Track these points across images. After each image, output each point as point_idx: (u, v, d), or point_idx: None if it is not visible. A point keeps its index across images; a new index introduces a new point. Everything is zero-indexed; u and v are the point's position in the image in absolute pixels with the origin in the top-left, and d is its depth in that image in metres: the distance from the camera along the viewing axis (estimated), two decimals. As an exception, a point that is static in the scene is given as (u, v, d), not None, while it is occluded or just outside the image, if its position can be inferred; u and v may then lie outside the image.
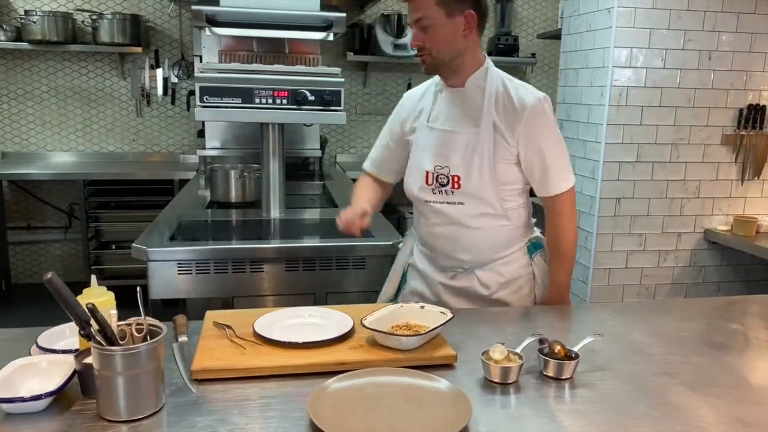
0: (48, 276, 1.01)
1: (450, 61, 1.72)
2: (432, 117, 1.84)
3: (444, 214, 1.82)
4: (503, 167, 1.75)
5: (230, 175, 2.83)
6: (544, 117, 1.73)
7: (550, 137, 1.74)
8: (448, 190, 1.80)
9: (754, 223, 2.98)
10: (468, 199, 1.78)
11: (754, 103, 3.03)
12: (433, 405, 1.12)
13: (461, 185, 1.77)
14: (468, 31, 1.68)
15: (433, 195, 1.82)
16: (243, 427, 1.06)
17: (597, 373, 1.32)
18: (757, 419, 1.15)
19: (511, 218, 1.81)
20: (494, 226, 1.80)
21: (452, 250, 1.84)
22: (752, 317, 1.79)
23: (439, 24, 1.66)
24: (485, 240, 1.82)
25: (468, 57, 1.73)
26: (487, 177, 1.74)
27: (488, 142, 1.72)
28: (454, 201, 1.80)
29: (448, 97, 1.81)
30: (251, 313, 1.48)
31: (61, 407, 1.10)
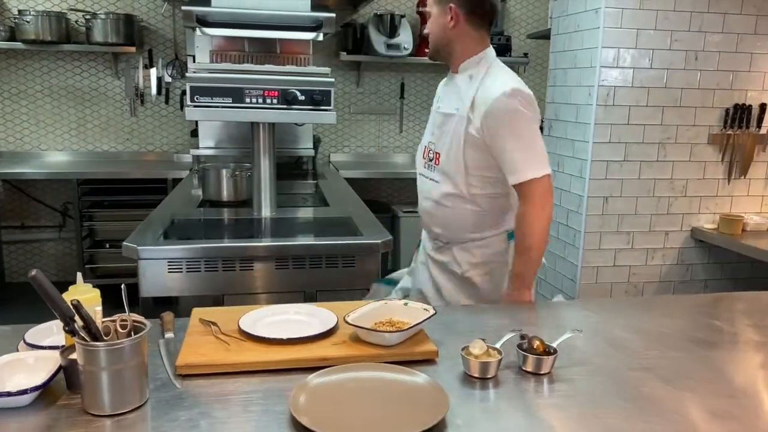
0: (32, 273, 1.04)
1: (441, 49, 1.96)
2: (440, 100, 2.05)
3: (425, 189, 2.04)
4: (471, 152, 1.88)
5: (222, 174, 2.86)
6: (505, 109, 1.81)
7: (511, 127, 1.82)
8: (432, 165, 2.01)
9: (740, 222, 3.01)
10: (442, 178, 1.96)
11: (741, 102, 3.06)
12: (412, 398, 1.15)
13: (440, 162, 1.97)
14: (454, 23, 1.88)
15: (424, 168, 2.06)
16: (225, 421, 1.09)
17: (575, 368, 1.35)
18: (727, 411, 1.18)
19: (481, 204, 1.93)
20: (461, 208, 1.94)
21: (429, 223, 2.05)
22: (733, 314, 1.82)
23: (434, 16, 1.94)
24: (453, 219, 1.97)
25: (459, 46, 1.92)
26: (456, 159, 1.90)
27: (462, 127, 1.88)
28: (433, 178, 2.00)
29: (448, 81, 2.04)
30: (237, 310, 1.50)
31: (47, 402, 1.12)
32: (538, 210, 1.82)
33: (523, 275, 1.87)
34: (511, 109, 1.81)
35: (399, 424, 1.04)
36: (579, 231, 3.08)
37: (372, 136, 5.06)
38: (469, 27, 1.89)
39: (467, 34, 1.90)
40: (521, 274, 1.87)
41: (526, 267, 1.87)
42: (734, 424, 1.13)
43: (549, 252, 3.42)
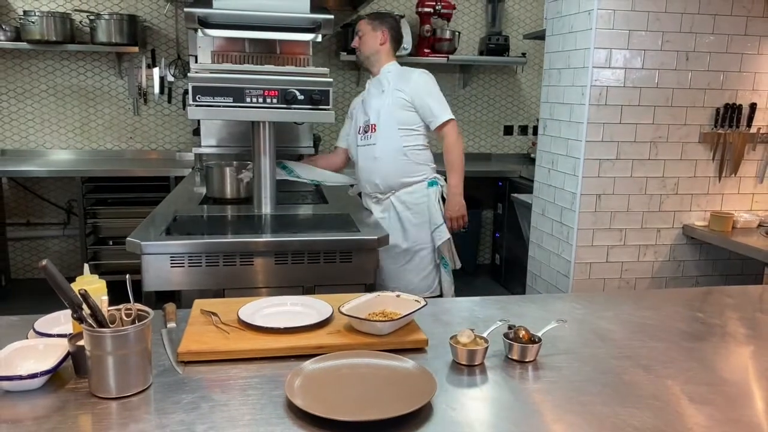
0: (43, 263, 1.10)
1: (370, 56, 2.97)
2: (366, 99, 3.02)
3: (364, 153, 2.96)
4: (401, 112, 2.87)
5: (225, 172, 2.91)
6: (422, 79, 2.87)
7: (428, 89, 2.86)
8: (368, 135, 2.94)
9: (730, 219, 3.06)
10: (378, 140, 2.90)
11: (731, 102, 3.11)
12: (401, 382, 1.21)
13: (376, 129, 2.90)
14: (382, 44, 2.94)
15: (361, 141, 2.97)
16: (225, 403, 1.15)
17: (560, 356, 1.41)
18: (705, 397, 1.23)
19: (409, 156, 2.89)
20: (394, 159, 2.89)
21: (370, 177, 2.96)
22: (720, 307, 1.86)
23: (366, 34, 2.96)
24: (390, 168, 2.90)
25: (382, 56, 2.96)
26: (390, 122, 2.86)
27: (391, 99, 2.87)
28: (371, 143, 2.92)
29: (371, 84, 3.02)
30: (237, 301, 1.56)
31: (56, 386, 1.19)
32: (455, 139, 2.88)
33: (455, 185, 2.90)
34: (425, 80, 2.87)
35: (388, 405, 1.10)
36: (572, 228, 3.14)
37: (371, 135, 5.11)
38: (389, 47, 2.96)
39: (387, 52, 2.96)
40: (456, 185, 2.91)
41: (456, 178, 2.91)
42: (711, 409, 1.19)
43: (542, 248, 3.47)
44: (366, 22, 2.96)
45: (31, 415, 1.09)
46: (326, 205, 2.95)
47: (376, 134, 2.90)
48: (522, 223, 4.30)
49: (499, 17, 5.07)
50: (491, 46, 4.95)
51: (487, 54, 4.98)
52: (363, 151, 2.97)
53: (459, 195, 2.91)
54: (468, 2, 5.09)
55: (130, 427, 1.06)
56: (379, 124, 2.89)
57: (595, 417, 1.14)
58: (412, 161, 2.90)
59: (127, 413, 1.11)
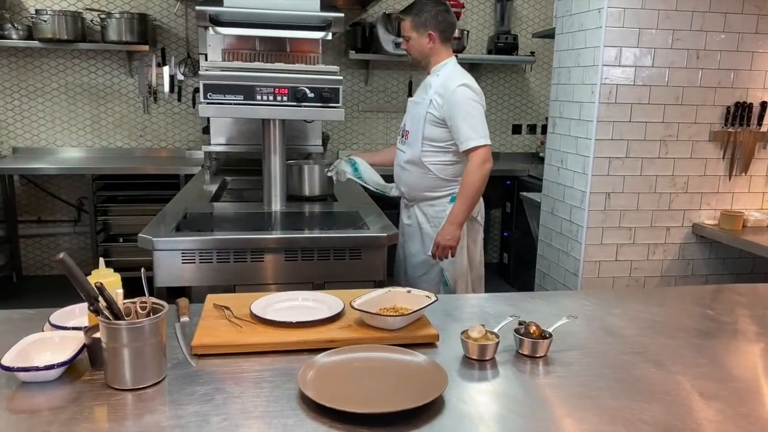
0: (60, 256, 1.11)
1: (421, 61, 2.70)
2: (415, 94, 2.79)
3: (398, 157, 2.79)
4: (432, 127, 2.61)
5: (304, 170, 2.94)
6: (460, 96, 2.54)
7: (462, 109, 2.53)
8: (403, 140, 2.75)
9: (741, 218, 3.05)
10: (407, 148, 2.72)
11: (742, 100, 3.10)
12: (412, 376, 1.22)
13: (408, 137, 2.72)
14: (431, 43, 2.63)
15: (399, 144, 2.80)
16: (238, 395, 1.16)
17: (570, 352, 1.41)
18: (715, 393, 1.24)
19: (432, 170, 2.66)
20: (418, 172, 2.69)
21: (398, 182, 2.82)
22: (730, 304, 1.86)
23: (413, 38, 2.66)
24: (413, 180, 2.72)
25: (434, 59, 2.67)
26: (418, 133, 2.64)
27: (425, 110, 2.61)
28: (402, 149, 2.75)
29: (423, 81, 2.75)
30: (249, 296, 1.58)
31: (72, 377, 1.20)
32: (477, 165, 2.54)
33: (457, 213, 2.58)
34: (463, 97, 2.53)
35: (400, 398, 1.11)
36: (581, 226, 3.13)
37: (380, 133, 5.13)
38: (441, 44, 2.64)
39: (440, 49, 2.65)
40: (457, 212, 2.59)
41: (462, 206, 2.58)
42: (721, 404, 1.19)
43: (551, 246, 3.47)
44: (410, 26, 2.64)
45: (48, 405, 1.11)
46: (335, 202, 2.96)
47: (408, 142, 2.71)
48: (531, 221, 4.30)
49: (508, 16, 5.07)
50: (500, 44, 4.95)
51: (495, 53, 4.98)
52: (397, 154, 2.80)
53: (456, 225, 2.58)
54: (477, 1, 5.09)
55: (146, 418, 1.07)
56: (411, 132, 2.69)
57: (605, 411, 1.14)
58: (436, 176, 2.66)
59: (142, 404, 1.12)
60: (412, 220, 2.78)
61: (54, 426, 1.04)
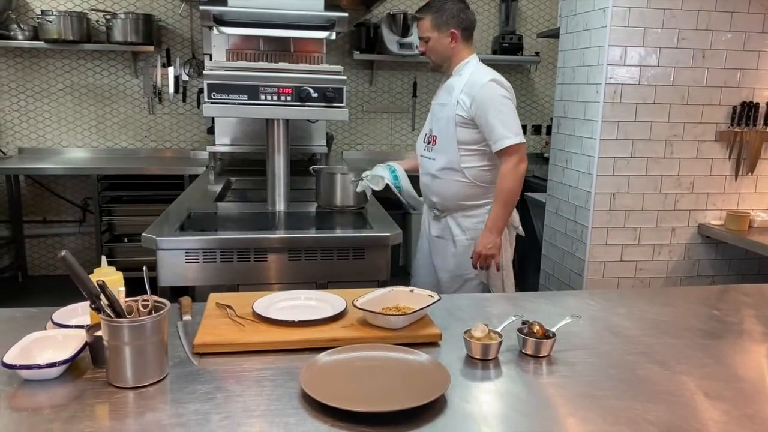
0: (62, 254, 1.11)
1: (443, 63, 2.52)
2: (437, 96, 2.60)
3: (425, 167, 2.59)
4: (462, 130, 2.43)
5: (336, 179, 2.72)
6: (489, 93, 2.36)
7: (493, 106, 2.35)
8: (430, 147, 2.55)
9: (747, 218, 3.03)
10: (437, 155, 2.51)
11: (748, 100, 3.08)
12: (415, 375, 1.21)
13: (436, 143, 2.51)
14: (454, 43, 2.46)
15: (424, 151, 2.60)
16: (239, 394, 1.16)
17: (574, 351, 1.40)
18: (719, 392, 1.23)
19: (469, 176, 2.47)
20: (453, 180, 2.49)
21: (428, 193, 2.60)
22: (736, 305, 1.85)
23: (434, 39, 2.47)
24: (447, 189, 2.51)
25: (455, 58, 2.49)
26: (449, 137, 2.45)
27: (453, 112, 2.42)
28: (431, 156, 2.55)
29: (444, 82, 2.57)
30: (252, 295, 1.58)
31: (74, 375, 1.20)
32: (514, 168, 2.38)
33: (495, 219, 2.41)
34: (492, 93, 2.36)
35: (403, 398, 1.10)
36: (586, 226, 3.12)
37: (385, 134, 5.13)
38: (462, 43, 2.47)
39: (461, 48, 2.48)
40: (495, 218, 2.42)
41: (499, 212, 2.41)
42: (726, 405, 1.18)
43: (555, 247, 3.46)
44: (430, 25, 2.45)
45: (50, 403, 1.11)
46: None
47: (436, 148, 2.50)
48: (535, 222, 4.28)
49: (513, 16, 5.06)
50: (505, 45, 4.94)
51: (500, 53, 4.97)
52: (424, 163, 2.60)
53: (496, 231, 2.41)
54: (481, 1, 5.09)
55: (147, 416, 1.07)
56: (440, 137, 2.49)
57: (609, 411, 1.14)
58: (473, 183, 2.47)
59: (144, 402, 1.12)
60: (445, 233, 2.56)
61: (55, 424, 1.04)
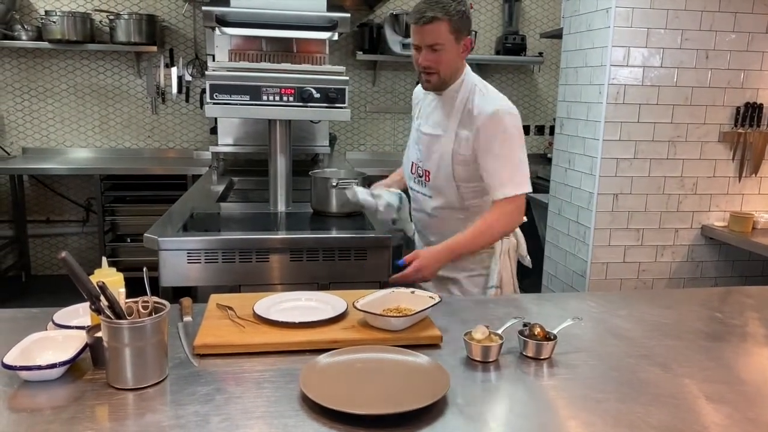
0: (62, 255, 1.11)
1: (449, 79, 1.96)
2: (422, 117, 2.14)
3: (417, 201, 2.19)
4: (460, 168, 1.97)
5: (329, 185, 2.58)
6: (492, 127, 1.88)
7: (501, 145, 1.88)
8: (423, 182, 2.12)
9: (750, 219, 3.02)
10: (434, 193, 2.09)
11: (752, 101, 3.07)
12: (415, 377, 1.21)
13: (430, 179, 2.08)
14: (465, 53, 1.95)
15: (414, 183, 2.19)
16: (239, 395, 1.16)
17: (575, 354, 1.40)
18: (721, 396, 1.22)
19: (471, 211, 2.05)
20: (453, 217, 2.07)
21: (425, 232, 2.21)
22: (739, 307, 1.84)
23: (449, 48, 1.89)
24: (447, 228, 2.05)
25: (459, 72, 1.98)
26: (447, 176, 2.00)
27: (449, 146, 1.97)
28: (425, 193, 2.13)
29: (431, 100, 2.09)
30: (253, 296, 1.57)
31: (74, 376, 1.20)
32: (505, 214, 1.93)
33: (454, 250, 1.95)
34: (502, 129, 1.88)
35: (403, 400, 1.10)
36: (589, 227, 3.11)
37: (387, 134, 5.13)
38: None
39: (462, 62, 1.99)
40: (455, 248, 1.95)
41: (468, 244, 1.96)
42: (728, 408, 1.17)
43: (558, 248, 3.45)
44: (448, 29, 1.86)
45: (50, 404, 1.11)
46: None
47: (431, 185, 2.07)
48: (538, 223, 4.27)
49: (516, 16, 5.05)
50: (508, 45, 4.93)
51: (503, 53, 4.96)
52: (416, 198, 2.18)
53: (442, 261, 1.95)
54: (485, 1, 5.08)
55: (147, 418, 1.07)
56: (434, 174, 2.04)
57: (611, 415, 1.13)
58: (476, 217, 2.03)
59: (144, 404, 1.12)
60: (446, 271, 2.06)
61: (55, 425, 1.04)
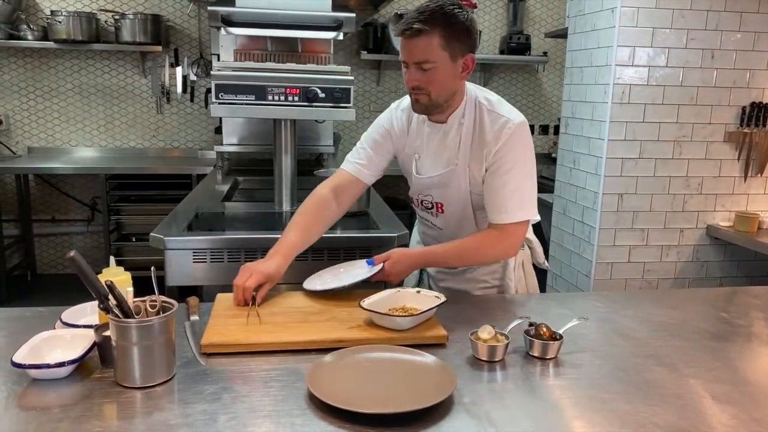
0: (71, 254, 1.12)
1: (444, 103, 1.70)
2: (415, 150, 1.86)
3: (427, 226, 1.96)
4: (478, 198, 1.78)
5: None
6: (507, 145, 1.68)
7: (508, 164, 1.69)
8: (433, 212, 1.89)
9: (756, 219, 3.02)
10: (449, 223, 1.87)
11: (757, 101, 3.07)
12: (421, 376, 1.21)
13: (444, 211, 1.85)
14: (465, 74, 1.68)
15: (422, 211, 1.95)
16: (246, 394, 1.16)
17: (581, 354, 1.40)
18: (728, 396, 1.22)
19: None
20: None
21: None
22: (742, 307, 1.84)
23: (441, 67, 1.62)
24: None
25: (457, 95, 1.72)
26: (464, 207, 1.81)
27: (464, 179, 1.76)
28: (436, 224, 1.91)
29: (430, 133, 1.81)
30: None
31: (82, 375, 1.21)
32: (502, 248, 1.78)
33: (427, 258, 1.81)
34: (513, 145, 1.68)
35: (409, 399, 1.10)
36: (594, 227, 3.11)
37: (392, 134, 5.12)
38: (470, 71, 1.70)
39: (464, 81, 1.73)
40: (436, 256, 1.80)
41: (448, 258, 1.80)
42: (735, 408, 1.17)
43: (563, 248, 3.45)
44: (439, 45, 1.60)
45: (58, 402, 1.11)
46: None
47: (445, 216, 1.87)
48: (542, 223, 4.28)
49: (521, 16, 5.05)
50: (512, 45, 4.93)
51: (508, 53, 4.96)
52: (424, 221, 2.00)
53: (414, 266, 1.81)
54: (489, 1, 5.08)
55: (154, 416, 1.08)
56: (449, 209, 1.85)
57: (617, 415, 1.13)
58: None
59: (151, 402, 1.12)
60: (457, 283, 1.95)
61: (64, 423, 1.05)
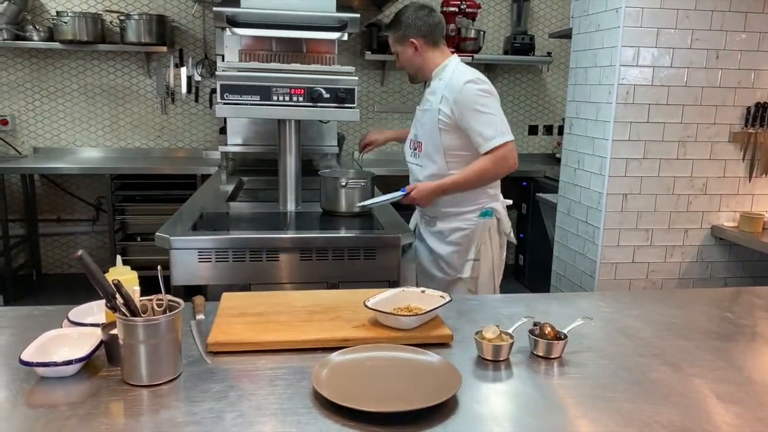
0: (78, 253, 1.13)
1: (417, 74, 2.51)
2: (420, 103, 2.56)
3: (413, 172, 2.56)
4: (447, 135, 2.37)
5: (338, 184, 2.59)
6: (468, 94, 2.30)
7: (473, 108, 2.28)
8: (417, 153, 2.51)
9: (761, 220, 3.01)
10: (424, 162, 2.47)
11: (762, 101, 3.06)
12: (426, 375, 1.22)
13: (422, 150, 2.47)
14: (418, 52, 2.43)
15: (411, 157, 2.57)
16: (252, 392, 1.17)
17: (585, 353, 1.40)
18: (732, 395, 1.22)
19: None
20: None
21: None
22: (747, 307, 1.84)
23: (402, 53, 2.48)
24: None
25: (426, 65, 2.46)
26: (435, 144, 2.39)
27: (435, 117, 2.37)
28: (418, 163, 2.51)
29: (427, 86, 2.53)
30: (264, 294, 1.60)
31: (89, 373, 1.22)
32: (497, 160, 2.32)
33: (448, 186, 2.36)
34: (470, 95, 2.29)
35: (414, 398, 1.11)
36: (598, 228, 3.11)
37: (396, 134, 5.13)
38: (429, 49, 2.43)
39: (430, 55, 2.44)
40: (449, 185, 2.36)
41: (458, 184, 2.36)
42: (739, 408, 1.17)
43: (567, 248, 3.45)
44: (392, 39, 2.50)
45: (66, 400, 1.12)
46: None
47: (422, 155, 2.47)
48: (547, 223, 4.27)
49: (525, 16, 5.05)
50: (516, 45, 4.93)
51: (512, 53, 4.96)
52: (412, 169, 2.58)
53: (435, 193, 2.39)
54: (493, 1, 5.08)
55: (161, 414, 1.08)
56: (425, 144, 2.45)
57: (621, 414, 1.13)
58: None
59: (158, 400, 1.13)
60: (436, 236, 2.51)
61: (72, 420, 1.05)
